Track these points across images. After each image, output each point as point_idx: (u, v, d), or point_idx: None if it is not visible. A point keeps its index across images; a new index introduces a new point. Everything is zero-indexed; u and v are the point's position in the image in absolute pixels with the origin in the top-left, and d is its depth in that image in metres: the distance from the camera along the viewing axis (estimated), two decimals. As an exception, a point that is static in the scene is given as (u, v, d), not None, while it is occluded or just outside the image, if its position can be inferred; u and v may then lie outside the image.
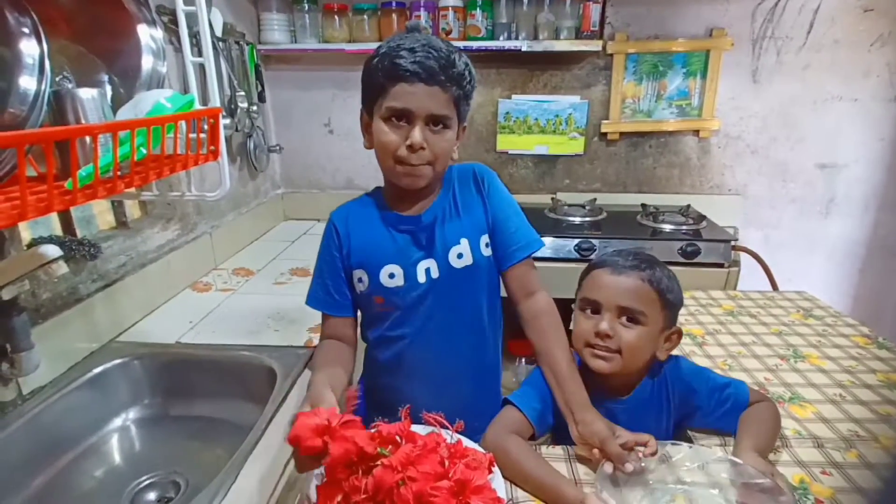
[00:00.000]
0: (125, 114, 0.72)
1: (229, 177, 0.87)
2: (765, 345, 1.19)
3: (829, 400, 0.98)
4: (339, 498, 0.68)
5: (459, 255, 0.91)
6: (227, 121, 1.56)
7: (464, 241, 0.91)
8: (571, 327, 1.55)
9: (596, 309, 0.86)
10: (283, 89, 1.99)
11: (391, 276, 0.90)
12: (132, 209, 1.35)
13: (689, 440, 0.87)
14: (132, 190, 1.06)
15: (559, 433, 0.89)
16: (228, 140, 1.64)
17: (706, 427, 0.89)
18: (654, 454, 0.76)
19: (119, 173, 0.63)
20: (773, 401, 0.91)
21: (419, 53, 0.79)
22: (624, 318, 0.84)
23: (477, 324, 0.96)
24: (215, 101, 0.84)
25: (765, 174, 2.00)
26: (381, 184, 0.95)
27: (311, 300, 0.96)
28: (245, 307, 1.29)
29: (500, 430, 0.82)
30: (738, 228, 2.01)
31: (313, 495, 0.67)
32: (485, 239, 0.93)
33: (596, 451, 0.77)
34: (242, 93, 1.59)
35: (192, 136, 0.81)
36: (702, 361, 1.10)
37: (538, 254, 1.69)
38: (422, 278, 0.90)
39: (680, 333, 0.89)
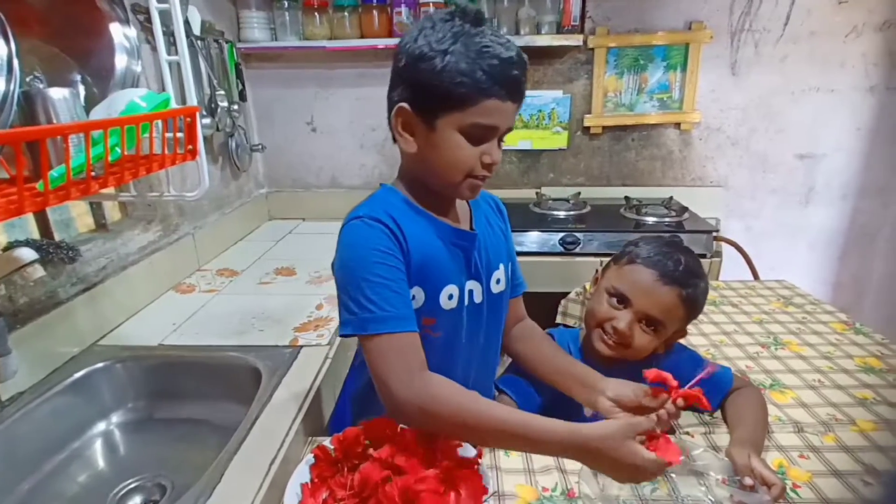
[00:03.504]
0: (98, 114, 0.71)
1: (209, 176, 0.86)
2: (746, 333, 1.21)
3: (808, 386, 0.99)
4: (324, 495, 0.68)
5: (498, 281, 0.87)
6: (208, 120, 1.55)
7: (501, 267, 0.87)
8: (559, 318, 1.57)
9: (623, 301, 0.88)
10: (264, 88, 1.98)
11: (450, 297, 0.80)
12: (112, 211, 1.34)
13: (673, 431, 0.88)
14: (110, 191, 1.05)
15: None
16: (209, 140, 1.62)
17: None
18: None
19: (92, 174, 0.63)
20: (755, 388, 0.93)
21: (517, 66, 0.69)
22: (644, 322, 0.87)
23: (497, 349, 0.94)
24: (192, 99, 0.83)
25: (745, 165, 2.03)
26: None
27: (393, 322, 0.69)
28: (229, 308, 1.28)
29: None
30: (720, 219, 2.03)
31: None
32: (510, 266, 0.91)
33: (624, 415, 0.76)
34: (222, 92, 1.58)
35: (169, 135, 0.80)
36: (684, 351, 1.11)
37: (523, 248, 1.72)
38: (466, 301, 0.82)
39: (685, 333, 0.92)
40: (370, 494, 0.67)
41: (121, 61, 0.81)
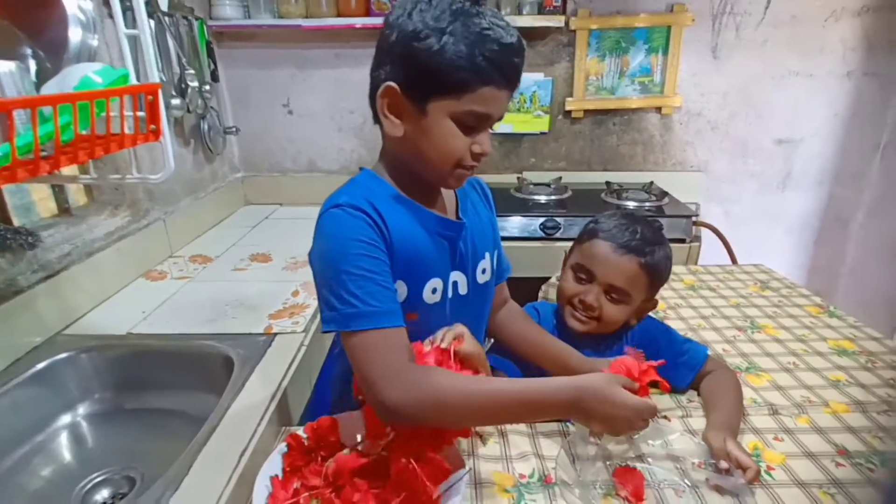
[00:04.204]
0: (50, 89, 0.66)
1: (179, 159, 0.82)
2: (724, 317, 1.21)
3: (784, 368, 1.00)
4: (296, 485, 0.66)
5: (483, 271, 0.84)
6: (178, 101, 1.49)
7: (487, 256, 0.85)
8: (541, 296, 1.56)
9: (588, 277, 0.91)
10: (237, 68, 1.91)
11: (434, 290, 0.77)
12: (76, 195, 1.28)
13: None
14: (72, 173, 1.00)
15: None
16: (180, 122, 1.57)
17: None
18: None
19: (42, 154, 0.59)
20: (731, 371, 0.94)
21: (517, 53, 0.66)
22: (611, 294, 0.90)
23: (481, 338, 0.91)
24: (153, 76, 0.78)
25: (725, 150, 2.04)
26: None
27: (379, 318, 0.65)
28: (202, 295, 1.25)
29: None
30: (700, 204, 2.05)
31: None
32: (496, 254, 0.89)
33: None
34: (192, 71, 1.52)
35: (130, 114, 0.76)
36: (663, 335, 1.12)
37: (504, 234, 1.70)
38: (450, 293, 0.79)
39: (656, 304, 0.96)
40: (345, 483, 0.66)
41: (75, 34, 0.76)
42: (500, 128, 1.97)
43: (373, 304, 0.65)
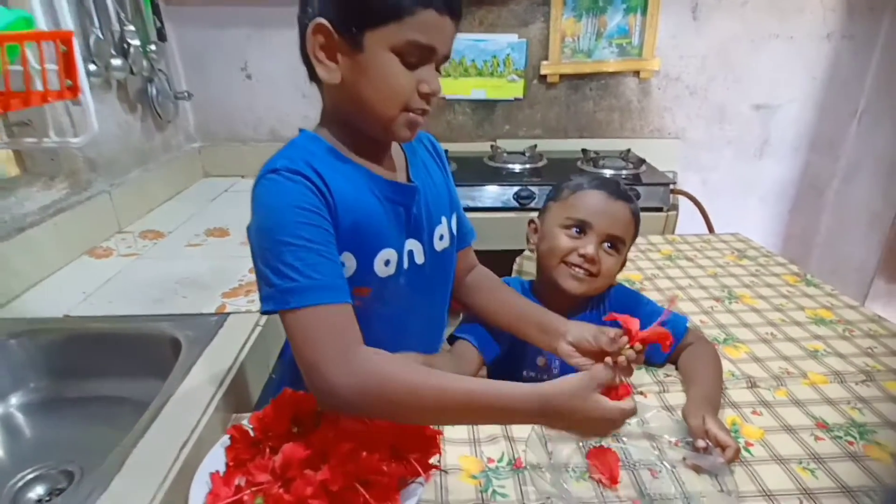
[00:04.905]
0: (-72, 34, 0.56)
1: (95, 117, 0.73)
2: (701, 287, 1.18)
3: (761, 339, 0.97)
4: (239, 481, 0.60)
5: (441, 237, 0.77)
6: (119, 62, 1.36)
7: (444, 220, 0.78)
8: (515, 270, 1.51)
9: (582, 229, 0.87)
10: (189, 28, 1.77)
11: (387, 262, 0.70)
12: (6, 165, 1.16)
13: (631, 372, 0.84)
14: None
15: (499, 369, 0.89)
16: (124, 85, 1.44)
17: None
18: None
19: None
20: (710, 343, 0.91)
21: None
22: (606, 245, 0.86)
23: (443, 312, 0.86)
24: (65, 23, 0.68)
25: (703, 116, 1.99)
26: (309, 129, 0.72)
27: (322, 292, 0.57)
28: (150, 273, 1.16)
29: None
30: (678, 173, 2.00)
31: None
32: (454, 218, 0.82)
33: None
34: (133, 28, 1.38)
35: (39, 67, 0.66)
36: (639, 307, 1.07)
37: (476, 204, 1.64)
38: (406, 264, 0.72)
39: (625, 262, 0.93)
40: (295, 476, 0.60)
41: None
42: (472, 93, 1.89)
43: (314, 276, 0.57)
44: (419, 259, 0.74)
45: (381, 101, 0.63)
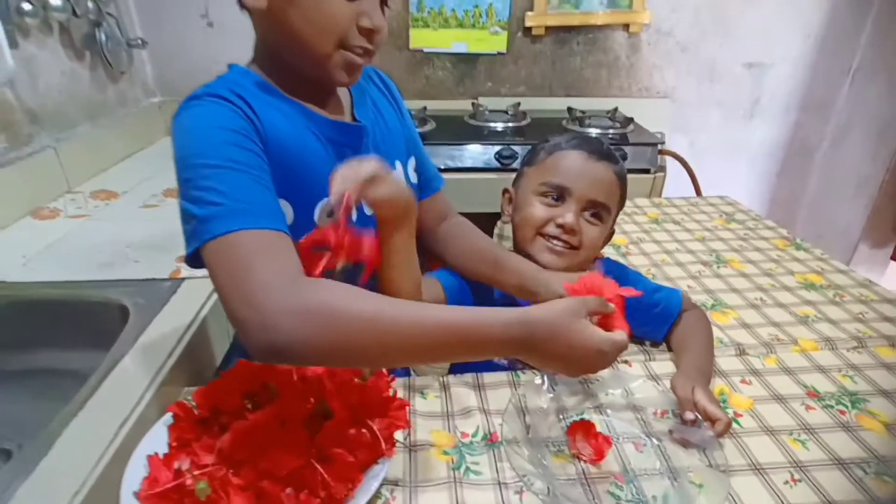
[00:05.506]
0: None
1: (10, 55, 0.62)
2: (688, 251, 1.13)
3: (751, 305, 0.93)
4: (180, 464, 0.54)
5: None
6: (60, 2, 1.22)
7: (398, 166, 0.70)
8: (496, 234, 1.44)
9: (560, 196, 0.77)
10: (141, -33, 1.61)
11: (330, 213, 0.60)
12: (-69, 116, 1.05)
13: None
14: None
15: None
16: (66, 28, 1.30)
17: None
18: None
19: None
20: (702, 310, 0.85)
21: None
22: (588, 213, 0.76)
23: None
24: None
25: (693, 74, 1.90)
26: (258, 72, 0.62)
27: (254, 217, 0.48)
28: (100, 236, 1.06)
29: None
30: (666, 133, 1.93)
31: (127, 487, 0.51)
32: (412, 163, 0.74)
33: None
34: (73, -37, 1.24)
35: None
36: (624, 271, 1.02)
37: (456, 164, 1.56)
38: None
39: (613, 233, 0.84)
40: (245, 458, 0.54)
41: None
42: (452, 46, 1.77)
43: (243, 199, 0.48)
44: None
45: (314, 34, 0.55)
